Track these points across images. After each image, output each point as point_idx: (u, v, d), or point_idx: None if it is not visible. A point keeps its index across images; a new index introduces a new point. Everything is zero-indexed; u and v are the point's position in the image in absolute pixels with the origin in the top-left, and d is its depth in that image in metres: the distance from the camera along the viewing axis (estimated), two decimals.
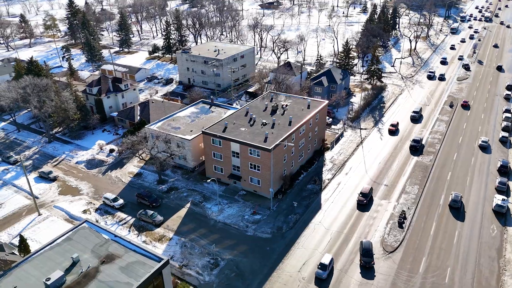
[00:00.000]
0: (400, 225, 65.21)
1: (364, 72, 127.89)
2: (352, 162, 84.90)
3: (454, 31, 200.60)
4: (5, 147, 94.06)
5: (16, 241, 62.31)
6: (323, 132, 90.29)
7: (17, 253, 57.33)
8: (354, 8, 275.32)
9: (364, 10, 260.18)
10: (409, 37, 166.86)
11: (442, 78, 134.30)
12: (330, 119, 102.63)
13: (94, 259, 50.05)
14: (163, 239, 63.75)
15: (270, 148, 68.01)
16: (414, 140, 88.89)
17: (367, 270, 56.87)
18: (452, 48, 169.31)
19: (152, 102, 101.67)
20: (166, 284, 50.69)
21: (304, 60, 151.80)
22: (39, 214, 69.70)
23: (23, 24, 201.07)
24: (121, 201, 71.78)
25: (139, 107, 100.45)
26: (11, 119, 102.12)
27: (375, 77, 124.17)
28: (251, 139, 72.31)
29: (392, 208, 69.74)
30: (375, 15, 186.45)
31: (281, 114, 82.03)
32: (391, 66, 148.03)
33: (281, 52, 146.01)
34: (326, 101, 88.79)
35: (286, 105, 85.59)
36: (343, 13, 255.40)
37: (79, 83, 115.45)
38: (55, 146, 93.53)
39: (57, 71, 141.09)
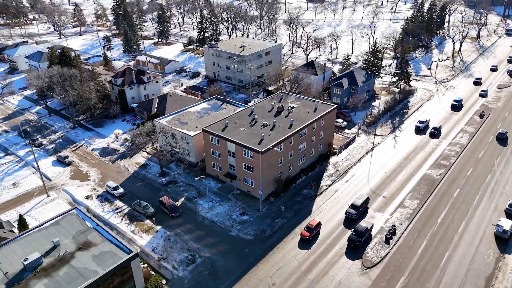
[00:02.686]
0: (387, 240, 62.80)
1: (393, 74, 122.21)
2: (356, 170, 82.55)
3: (511, 33, 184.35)
4: (34, 130, 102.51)
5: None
6: (331, 136, 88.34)
7: (17, 231, 62.99)
8: (405, 3, 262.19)
9: (415, 6, 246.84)
10: (453, 38, 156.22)
11: (435, 133, 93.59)
12: (345, 123, 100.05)
13: (73, 245, 53.86)
14: (150, 231, 66.73)
15: (260, 150, 68.20)
16: (355, 232, 61.86)
17: (339, 283, 55.84)
18: (477, 82, 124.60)
19: (170, 96, 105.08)
20: (136, 276, 53.37)
21: (333, 58, 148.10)
22: (48, 196, 75.73)
23: (76, 13, 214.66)
24: (121, 190, 75.83)
25: (157, 100, 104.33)
26: (44, 104, 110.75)
27: (403, 80, 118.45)
28: (248, 140, 72.85)
29: (384, 221, 67.23)
30: (420, 12, 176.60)
31: (285, 116, 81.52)
32: (428, 69, 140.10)
33: (310, 49, 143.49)
34: (335, 105, 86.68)
35: (292, 107, 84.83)
36: (392, 8, 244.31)
37: (109, 73, 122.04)
38: (78, 132, 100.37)
39: (96, 60, 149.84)
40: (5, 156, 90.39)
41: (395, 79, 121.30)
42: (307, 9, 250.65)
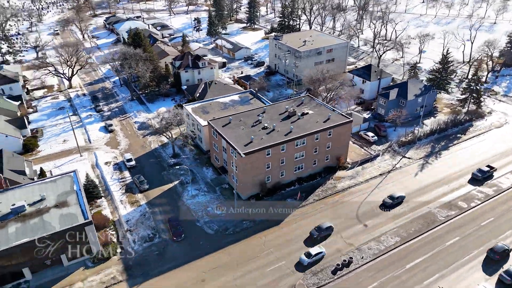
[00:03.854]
0: (335, 271, 59.48)
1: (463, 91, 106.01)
2: (356, 190, 77.40)
3: None
4: (103, 97, 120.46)
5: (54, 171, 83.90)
6: (342, 149, 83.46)
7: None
8: None
9: None
10: None
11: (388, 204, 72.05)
12: (375, 137, 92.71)
13: (54, 201, 65.29)
14: (134, 204, 75.25)
15: (241, 152, 69.81)
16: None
17: None
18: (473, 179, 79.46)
19: (215, 83, 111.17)
20: (91, 240, 62.00)
21: (413, 63, 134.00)
22: (81, 155, 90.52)
23: None
24: (133, 162, 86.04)
25: (203, 85, 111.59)
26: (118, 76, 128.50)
27: (473, 100, 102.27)
28: (239, 139, 74.78)
29: (346, 251, 63.15)
30: None
31: (291, 122, 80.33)
32: None
33: (384, 50, 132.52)
34: (350, 119, 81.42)
35: (305, 113, 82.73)
36: None
37: (174, 55, 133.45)
38: (132, 104, 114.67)
39: (180, 40, 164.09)
40: (72, 116, 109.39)
41: (462, 96, 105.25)
42: (423, 1, 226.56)
